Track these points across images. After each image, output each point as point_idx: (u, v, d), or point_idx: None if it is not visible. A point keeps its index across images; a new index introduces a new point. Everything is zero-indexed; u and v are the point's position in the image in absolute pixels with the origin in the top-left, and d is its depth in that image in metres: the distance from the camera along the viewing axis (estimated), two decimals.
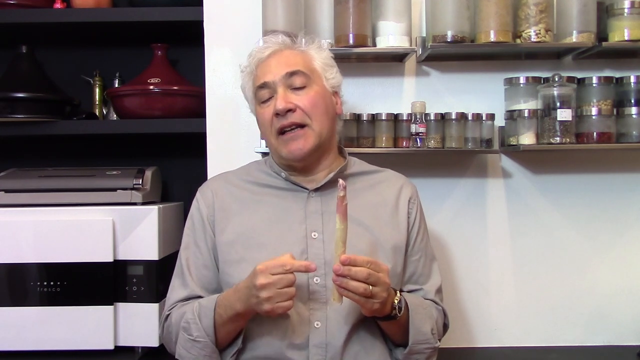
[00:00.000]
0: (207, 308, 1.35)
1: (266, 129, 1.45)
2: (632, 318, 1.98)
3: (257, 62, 1.47)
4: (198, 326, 1.34)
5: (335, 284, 1.25)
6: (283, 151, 1.42)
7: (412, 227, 1.50)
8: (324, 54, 1.49)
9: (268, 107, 1.43)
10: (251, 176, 1.52)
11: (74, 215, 1.79)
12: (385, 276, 1.28)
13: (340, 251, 1.26)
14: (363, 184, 1.51)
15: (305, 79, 1.42)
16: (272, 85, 1.42)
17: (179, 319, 1.39)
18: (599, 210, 1.99)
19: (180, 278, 1.47)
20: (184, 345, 1.37)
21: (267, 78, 1.43)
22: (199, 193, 1.52)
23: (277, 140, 1.42)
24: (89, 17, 1.95)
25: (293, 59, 1.44)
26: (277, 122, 1.41)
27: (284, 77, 1.41)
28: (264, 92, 1.44)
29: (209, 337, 1.34)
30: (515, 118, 1.86)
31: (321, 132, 1.42)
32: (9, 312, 1.76)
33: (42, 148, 2.20)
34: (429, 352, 1.40)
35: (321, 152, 1.46)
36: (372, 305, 1.28)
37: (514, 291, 1.99)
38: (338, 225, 1.26)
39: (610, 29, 1.83)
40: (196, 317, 1.35)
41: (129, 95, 2.00)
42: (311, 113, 1.41)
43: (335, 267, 1.24)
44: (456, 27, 1.79)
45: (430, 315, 1.43)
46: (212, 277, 1.46)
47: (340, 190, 1.26)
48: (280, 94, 1.41)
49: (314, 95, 1.42)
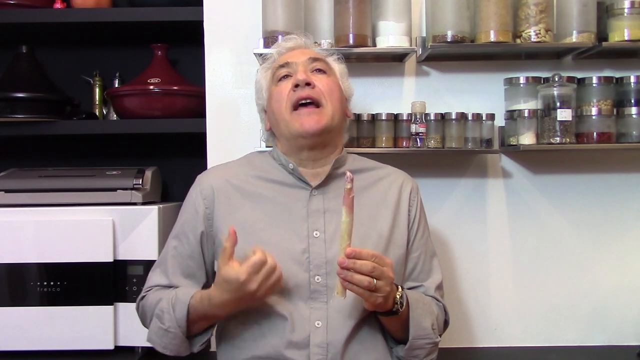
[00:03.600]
0: (182, 302, 1.36)
1: (281, 104, 1.44)
2: (632, 318, 1.98)
3: (281, 49, 1.53)
4: (171, 317, 1.36)
5: (340, 277, 1.25)
6: (296, 125, 1.42)
7: (413, 224, 1.50)
8: (341, 65, 1.56)
9: (286, 82, 1.45)
10: (254, 169, 1.51)
11: (74, 215, 1.78)
12: (389, 270, 1.29)
13: (346, 244, 1.26)
14: (364, 181, 1.50)
15: (326, 66, 1.49)
16: (293, 66, 1.46)
17: (154, 303, 1.41)
18: (599, 210, 1.99)
19: (163, 265, 1.48)
20: (156, 333, 1.39)
21: (290, 59, 1.48)
22: (197, 185, 1.50)
23: (291, 115, 1.43)
24: (89, 17, 1.95)
25: (315, 53, 1.51)
26: (294, 94, 1.43)
27: (307, 60, 1.47)
28: (283, 71, 1.47)
29: (180, 328, 1.36)
30: (515, 118, 1.86)
31: (334, 116, 1.44)
32: (9, 312, 1.76)
33: (42, 148, 2.20)
34: (430, 347, 1.40)
35: (330, 137, 1.46)
36: (375, 299, 1.28)
37: (514, 291, 1.99)
38: (344, 217, 1.26)
39: (610, 29, 1.83)
40: (170, 307, 1.37)
41: (129, 95, 2.00)
42: (327, 95, 1.44)
43: (340, 260, 1.24)
44: (456, 27, 1.79)
45: (431, 311, 1.43)
46: (197, 268, 1.46)
47: (348, 183, 1.26)
48: (301, 69, 1.45)
49: (332, 82, 1.47)
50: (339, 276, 1.25)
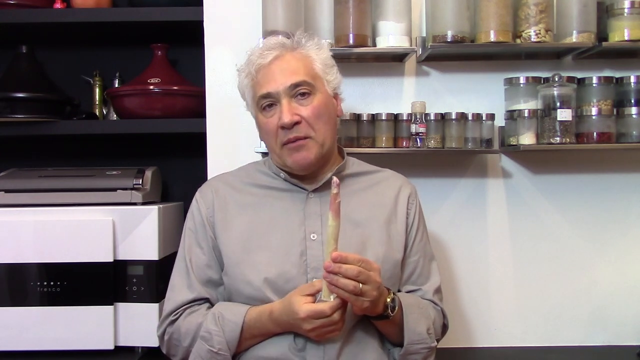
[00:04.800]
0: (234, 323, 1.35)
1: (270, 138, 1.44)
2: (632, 318, 1.98)
3: (258, 67, 1.43)
4: (221, 339, 1.35)
5: (326, 281, 1.25)
6: (288, 161, 1.42)
7: (411, 228, 1.50)
8: (323, 54, 1.47)
9: (272, 117, 1.42)
10: (250, 178, 1.52)
11: (74, 215, 1.78)
12: (376, 275, 1.28)
13: (332, 248, 1.26)
14: (362, 184, 1.51)
15: (309, 88, 1.42)
16: (275, 96, 1.41)
17: (194, 327, 1.39)
18: (599, 210, 1.99)
19: (185, 279, 1.46)
20: (202, 355, 1.37)
21: (270, 88, 1.41)
22: (199, 193, 1.52)
23: (281, 151, 1.42)
24: (89, 17, 1.95)
25: (295, 65, 1.42)
26: (282, 135, 1.40)
27: (288, 88, 1.40)
28: (266, 101, 1.43)
29: (231, 350, 1.36)
30: (515, 118, 1.86)
31: (324, 143, 1.42)
32: (9, 312, 1.76)
33: (42, 148, 2.20)
34: (426, 352, 1.40)
35: (325, 160, 1.47)
36: (362, 304, 1.28)
37: (514, 291, 1.99)
38: (330, 222, 1.26)
39: (610, 29, 1.83)
40: (220, 329, 1.35)
41: (129, 95, 2.00)
42: (315, 124, 1.40)
43: (326, 264, 1.25)
44: (456, 27, 1.79)
45: (427, 315, 1.43)
46: (216, 277, 1.46)
47: (334, 188, 1.25)
48: (285, 105, 1.39)
49: (318, 105, 1.41)
50: (324, 280, 1.26)
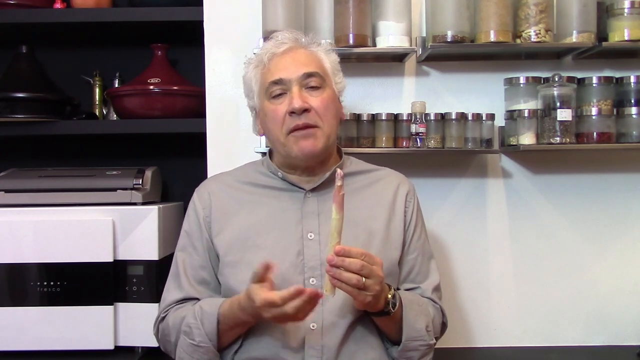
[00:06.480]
0: (210, 314, 1.35)
1: (276, 126, 1.42)
2: (632, 318, 1.98)
3: (271, 55, 1.44)
4: (200, 331, 1.35)
5: (329, 275, 1.24)
6: (294, 148, 1.41)
7: (409, 226, 1.50)
8: (332, 57, 1.50)
9: (281, 105, 1.41)
10: (248, 177, 1.52)
11: (74, 215, 1.78)
12: (378, 269, 1.27)
13: (335, 242, 1.25)
14: (360, 183, 1.51)
15: (320, 81, 1.43)
16: (287, 83, 1.41)
17: (178, 322, 1.39)
18: (599, 210, 1.99)
19: (176, 279, 1.47)
20: (185, 350, 1.37)
21: (283, 75, 1.41)
22: (196, 194, 1.52)
23: (287, 139, 1.41)
24: (89, 17, 1.95)
25: (308, 59, 1.44)
26: (290, 121, 1.40)
27: (301, 77, 1.41)
28: (276, 88, 1.42)
29: (212, 342, 1.35)
30: (515, 118, 1.86)
31: (330, 135, 1.43)
32: (9, 312, 1.76)
33: (42, 148, 2.20)
34: (424, 349, 1.40)
35: (327, 154, 1.47)
36: (364, 298, 1.27)
37: (514, 291, 1.99)
38: (334, 215, 1.25)
39: (610, 29, 1.83)
40: (198, 322, 1.35)
41: (129, 95, 2.00)
42: (323, 115, 1.41)
43: (329, 258, 1.24)
44: (456, 27, 1.79)
45: (426, 312, 1.42)
46: (210, 277, 1.46)
47: (338, 180, 1.25)
48: (296, 92, 1.40)
49: (327, 98, 1.42)
50: (327, 274, 1.25)
